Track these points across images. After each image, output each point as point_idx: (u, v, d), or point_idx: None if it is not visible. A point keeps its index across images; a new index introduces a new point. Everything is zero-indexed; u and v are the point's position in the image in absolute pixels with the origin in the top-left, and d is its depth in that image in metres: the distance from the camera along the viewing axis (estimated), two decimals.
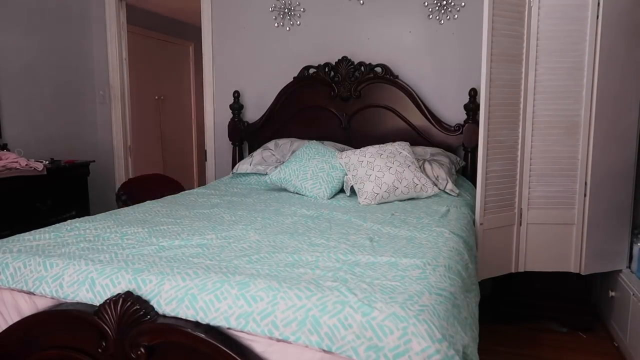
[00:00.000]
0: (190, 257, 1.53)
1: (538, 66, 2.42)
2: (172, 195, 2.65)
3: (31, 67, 3.50)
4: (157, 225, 1.91)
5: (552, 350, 2.51)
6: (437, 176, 2.60)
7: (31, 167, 2.90)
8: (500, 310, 2.80)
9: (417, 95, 3.10)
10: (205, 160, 3.81)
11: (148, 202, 2.42)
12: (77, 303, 1.41)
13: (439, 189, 2.55)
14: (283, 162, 2.91)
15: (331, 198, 2.58)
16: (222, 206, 2.33)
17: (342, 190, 2.67)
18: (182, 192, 2.75)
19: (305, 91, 3.33)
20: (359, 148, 2.73)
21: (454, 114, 3.10)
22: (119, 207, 2.55)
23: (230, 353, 1.20)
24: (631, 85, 2.42)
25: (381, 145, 2.68)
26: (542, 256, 2.56)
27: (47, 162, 3.10)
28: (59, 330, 1.42)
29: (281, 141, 3.19)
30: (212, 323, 1.26)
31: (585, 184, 2.46)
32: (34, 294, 1.48)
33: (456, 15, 3.09)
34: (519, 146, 2.49)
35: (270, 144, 3.20)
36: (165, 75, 5.50)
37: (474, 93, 2.93)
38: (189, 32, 5.64)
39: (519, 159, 2.49)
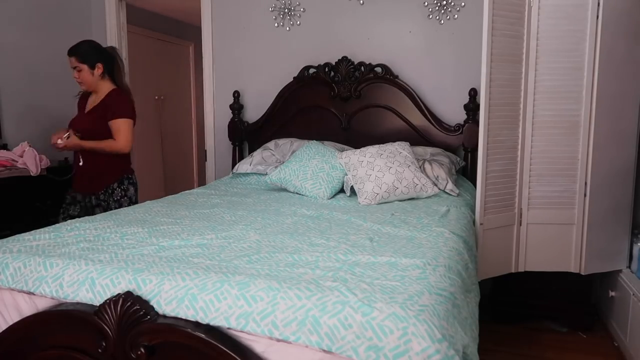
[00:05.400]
0: (190, 257, 1.52)
1: (538, 66, 2.42)
2: (172, 195, 2.65)
3: (31, 67, 3.49)
4: (157, 225, 1.91)
5: (552, 350, 2.51)
6: (437, 176, 2.60)
7: (26, 167, 2.89)
8: (500, 310, 2.80)
9: (417, 95, 3.10)
10: (205, 160, 3.81)
11: (148, 202, 2.42)
12: (77, 303, 1.41)
13: (439, 189, 2.55)
14: (283, 162, 2.91)
15: (331, 198, 2.58)
16: (222, 206, 2.33)
17: (342, 190, 2.67)
18: (182, 192, 2.75)
19: (305, 91, 3.33)
20: (359, 148, 2.73)
21: (454, 114, 3.10)
22: None
23: (230, 353, 1.20)
24: (631, 85, 2.42)
25: (381, 145, 2.68)
26: (542, 256, 2.56)
27: (48, 164, 3.07)
28: (59, 330, 1.42)
29: (281, 141, 3.19)
30: (212, 323, 1.26)
31: (585, 184, 2.46)
32: (34, 294, 1.48)
33: (456, 15, 3.09)
34: (519, 146, 2.49)
35: (270, 144, 3.20)
36: (165, 75, 5.50)
37: (474, 93, 2.93)
38: (189, 32, 5.64)
39: (519, 159, 2.49)
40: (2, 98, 3.28)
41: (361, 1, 3.25)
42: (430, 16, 3.13)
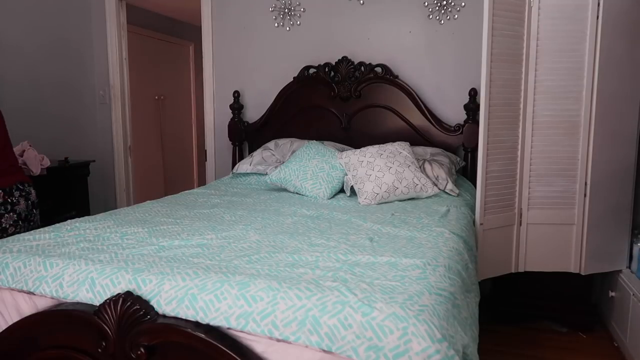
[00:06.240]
0: (190, 257, 1.53)
1: (538, 66, 2.42)
2: (172, 195, 2.65)
3: (31, 67, 3.50)
4: (157, 225, 1.91)
5: (552, 350, 2.51)
6: (437, 176, 2.60)
7: (26, 167, 2.88)
8: (500, 310, 2.80)
9: (417, 95, 3.10)
10: (205, 160, 3.81)
11: (148, 202, 2.42)
12: (77, 303, 1.41)
13: (439, 189, 2.55)
14: (283, 162, 2.91)
15: (331, 198, 2.58)
16: (222, 206, 2.33)
17: (342, 190, 2.67)
18: (182, 192, 2.75)
19: (305, 91, 3.33)
20: (359, 148, 2.73)
21: (454, 114, 3.10)
22: None
23: (230, 353, 1.20)
24: (631, 85, 2.42)
25: (381, 145, 2.68)
26: (542, 256, 2.56)
27: (48, 163, 3.07)
28: (59, 330, 1.42)
29: (281, 141, 3.19)
30: (212, 323, 1.26)
31: (585, 184, 2.46)
32: (34, 294, 1.48)
33: (456, 15, 3.09)
34: (519, 146, 2.49)
35: (270, 144, 3.20)
36: (165, 75, 5.50)
37: (474, 93, 2.93)
38: (189, 32, 5.64)
39: (519, 159, 2.49)
40: (2, 98, 3.28)
41: (361, 1, 3.25)
42: (430, 16, 3.13)
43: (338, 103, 3.25)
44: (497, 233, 2.48)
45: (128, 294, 1.31)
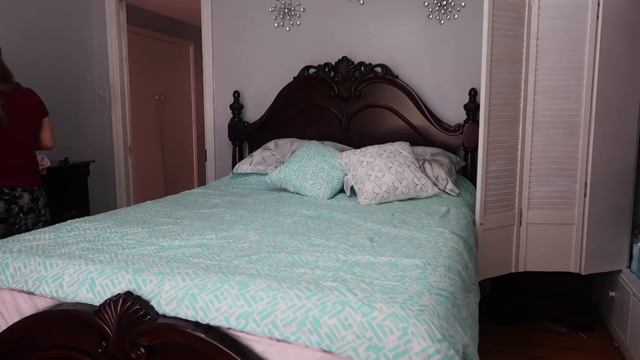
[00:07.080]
0: (190, 257, 1.53)
1: (538, 66, 2.42)
2: (172, 195, 2.65)
3: (31, 68, 3.49)
4: (157, 225, 1.91)
5: (552, 350, 2.51)
6: (437, 176, 2.60)
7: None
8: (500, 310, 2.80)
9: (417, 95, 3.10)
10: (205, 160, 3.81)
11: (148, 202, 2.42)
12: (77, 303, 1.41)
13: (439, 189, 2.55)
14: (283, 162, 2.91)
15: (331, 198, 2.58)
16: (222, 206, 2.33)
17: (342, 190, 2.67)
18: (182, 192, 2.75)
19: (305, 91, 3.33)
20: (359, 148, 2.73)
21: (454, 114, 3.10)
22: None
23: (230, 353, 1.20)
24: (631, 85, 2.42)
25: (381, 145, 2.68)
26: (542, 256, 2.56)
27: (48, 163, 3.08)
28: (59, 330, 1.42)
29: (281, 141, 3.19)
30: (212, 323, 1.26)
31: (585, 184, 2.46)
32: (34, 294, 1.48)
33: (456, 15, 3.09)
34: (519, 146, 2.49)
35: (270, 144, 3.20)
36: (165, 75, 5.50)
37: (474, 93, 2.93)
38: (189, 32, 5.64)
39: (519, 159, 2.49)
40: None
41: (361, 1, 3.25)
42: (430, 16, 3.13)
43: (338, 103, 3.25)
44: (497, 233, 2.48)
45: (128, 294, 1.31)
